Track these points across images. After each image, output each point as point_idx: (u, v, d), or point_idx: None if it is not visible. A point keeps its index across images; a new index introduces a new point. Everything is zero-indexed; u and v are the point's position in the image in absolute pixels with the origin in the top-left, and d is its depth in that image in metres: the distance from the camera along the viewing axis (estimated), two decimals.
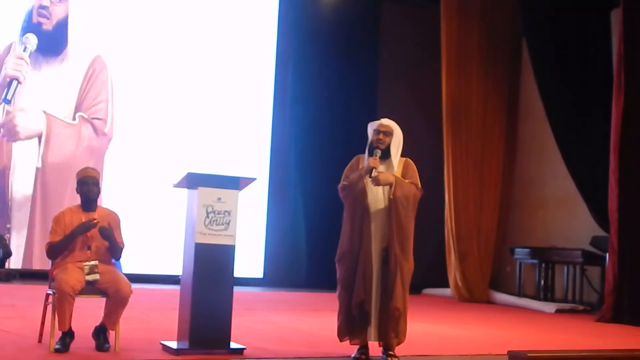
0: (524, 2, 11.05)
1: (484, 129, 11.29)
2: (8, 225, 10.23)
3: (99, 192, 5.19)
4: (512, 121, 11.76)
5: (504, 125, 11.55)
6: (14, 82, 10.20)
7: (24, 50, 10.36)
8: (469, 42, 11.25)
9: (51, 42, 10.66)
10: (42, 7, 10.60)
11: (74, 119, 10.58)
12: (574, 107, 10.38)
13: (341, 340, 5.10)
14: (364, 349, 5.08)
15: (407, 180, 5.06)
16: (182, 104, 11.21)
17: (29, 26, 10.52)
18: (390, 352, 5.02)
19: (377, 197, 5.04)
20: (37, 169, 10.36)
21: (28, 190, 10.35)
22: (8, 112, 10.25)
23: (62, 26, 10.71)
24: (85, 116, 10.63)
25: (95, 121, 10.71)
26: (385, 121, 5.16)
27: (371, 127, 5.19)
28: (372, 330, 5.00)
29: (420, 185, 5.12)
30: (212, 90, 11.44)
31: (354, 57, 12.28)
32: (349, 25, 12.30)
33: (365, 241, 4.97)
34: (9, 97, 10.14)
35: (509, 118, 11.67)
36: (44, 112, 10.42)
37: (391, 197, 4.97)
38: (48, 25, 10.64)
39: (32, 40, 10.42)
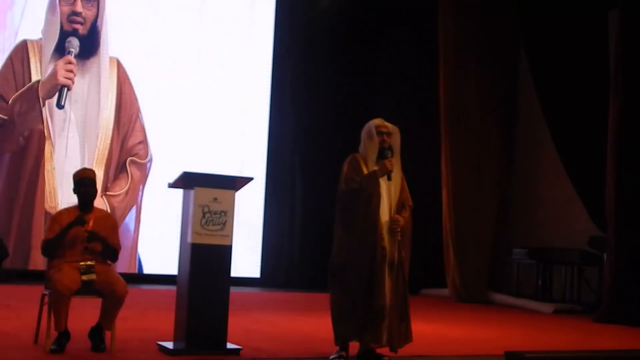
0: (521, 1, 11.05)
1: (481, 128, 11.26)
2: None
3: (95, 193, 5.18)
4: (510, 121, 11.73)
5: (502, 125, 11.51)
6: (65, 90, 10.34)
7: (69, 54, 10.39)
8: (467, 42, 11.23)
9: (86, 46, 10.65)
10: (75, 13, 10.56)
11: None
12: (572, 107, 10.36)
13: (338, 344, 5.02)
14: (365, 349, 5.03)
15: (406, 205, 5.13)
16: (179, 104, 11.18)
17: (61, 33, 10.46)
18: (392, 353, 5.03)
19: (385, 202, 5.05)
20: None
21: None
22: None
23: (95, 29, 10.75)
24: (133, 160, 10.83)
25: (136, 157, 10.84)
26: (384, 122, 5.17)
27: (370, 128, 5.15)
28: (385, 334, 4.95)
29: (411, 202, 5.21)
30: (209, 90, 11.42)
31: (352, 57, 12.25)
32: (346, 26, 12.27)
33: (379, 245, 4.96)
34: (62, 102, 10.30)
35: (506, 118, 11.63)
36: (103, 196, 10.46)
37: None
38: (83, 30, 10.64)
39: (75, 43, 10.46)
